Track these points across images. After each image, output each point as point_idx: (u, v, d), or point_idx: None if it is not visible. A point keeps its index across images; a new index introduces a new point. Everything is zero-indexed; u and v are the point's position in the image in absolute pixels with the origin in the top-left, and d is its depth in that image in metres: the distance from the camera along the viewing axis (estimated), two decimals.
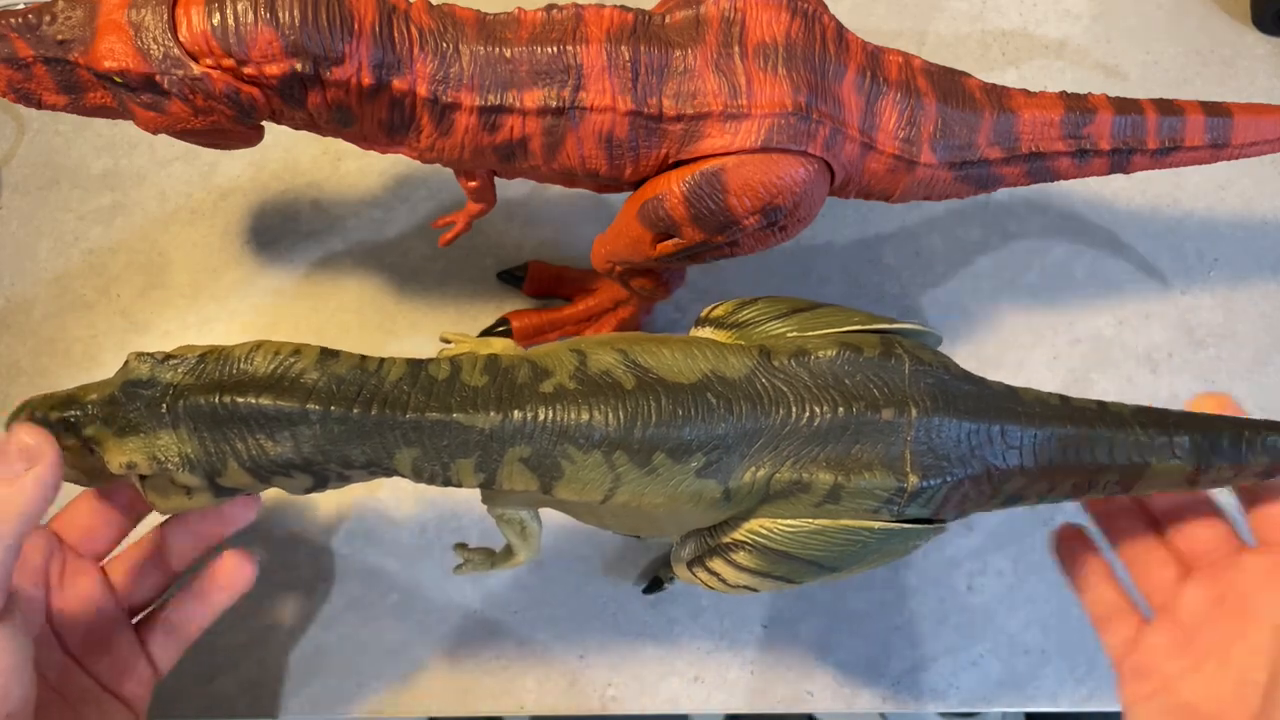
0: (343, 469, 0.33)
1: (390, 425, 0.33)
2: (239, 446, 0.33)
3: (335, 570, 0.49)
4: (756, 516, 0.34)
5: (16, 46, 0.38)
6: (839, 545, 0.34)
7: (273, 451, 0.33)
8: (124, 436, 0.33)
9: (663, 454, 0.33)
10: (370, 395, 0.33)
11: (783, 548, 0.34)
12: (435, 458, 0.33)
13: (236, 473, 0.33)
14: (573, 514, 0.37)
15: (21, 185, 0.54)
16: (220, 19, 0.37)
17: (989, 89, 0.42)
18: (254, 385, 0.33)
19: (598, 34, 0.38)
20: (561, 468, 0.33)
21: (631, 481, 0.33)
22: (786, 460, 0.33)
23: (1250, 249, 0.55)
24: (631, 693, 0.48)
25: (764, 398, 0.33)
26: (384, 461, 0.33)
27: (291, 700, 0.47)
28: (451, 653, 0.48)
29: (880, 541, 0.34)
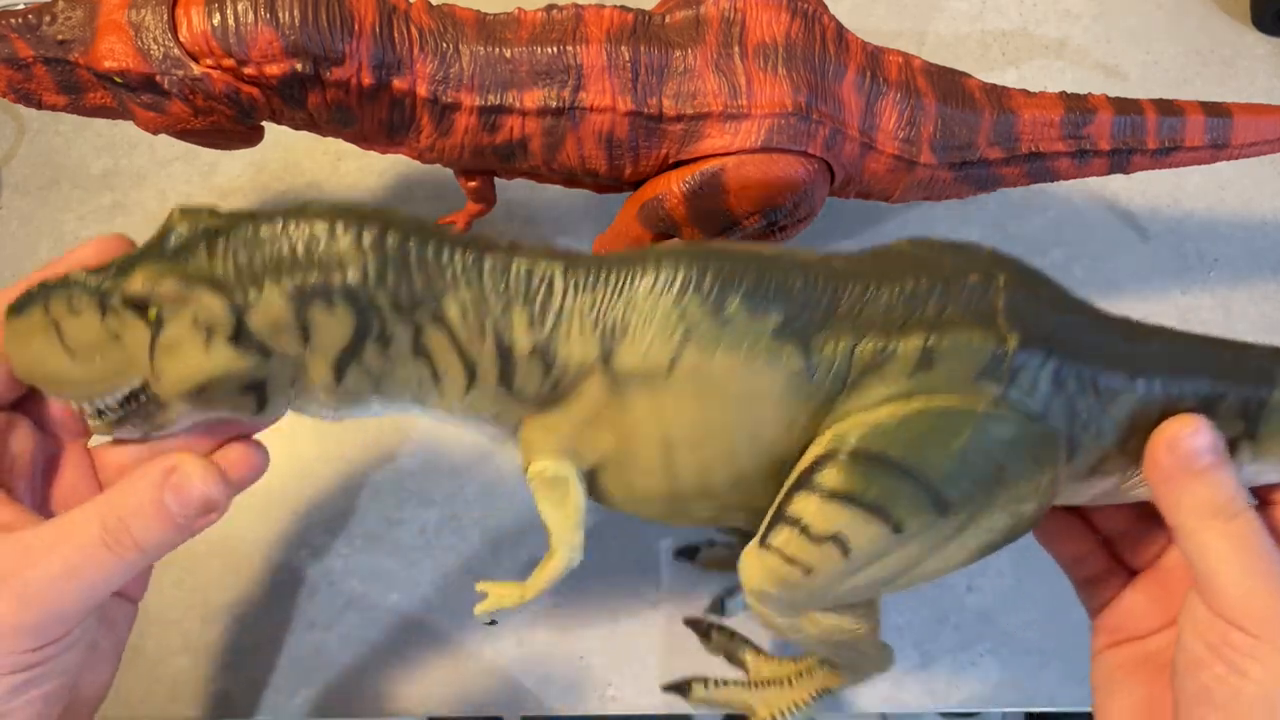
0: (390, 310, 0.30)
1: (446, 262, 0.30)
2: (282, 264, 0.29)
3: (335, 570, 0.49)
4: (844, 419, 0.30)
5: (17, 46, 0.38)
6: (940, 441, 0.29)
7: (320, 272, 0.29)
8: (149, 264, 0.29)
9: (737, 301, 0.29)
10: (429, 232, 0.30)
11: (877, 447, 0.29)
12: (491, 302, 0.30)
13: (271, 299, 0.29)
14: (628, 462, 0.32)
15: (21, 185, 0.54)
16: (220, 19, 0.37)
17: (989, 89, 0.42)
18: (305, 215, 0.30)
19: (598, 34, 0.38)
20: (627, 321, 0.30)
21: (703, 334, 0.29)
22: (869, 330, 0.30)
23: (1250, 249, 0.55)
24: (631, 693, 0.48)
25: (840, 274, 0.30)
26: (434, 301, 0.30)
27: (291, 700, 0.47)
28: (451, 653, 0.48)
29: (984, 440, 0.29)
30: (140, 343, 0.30)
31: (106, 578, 0.30)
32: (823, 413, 0.30)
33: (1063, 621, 0.49)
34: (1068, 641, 0.48)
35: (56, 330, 0.30)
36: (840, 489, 0.29)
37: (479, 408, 0.32)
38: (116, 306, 0.30)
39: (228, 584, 0.48)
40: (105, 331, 0.30)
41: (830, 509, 0.30)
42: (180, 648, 0.48)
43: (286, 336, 0.30)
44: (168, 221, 0.30)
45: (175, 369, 0.30)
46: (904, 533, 0.30)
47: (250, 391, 0.31)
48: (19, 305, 0.31)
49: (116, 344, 0.30)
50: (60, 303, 0.30)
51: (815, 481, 0.30)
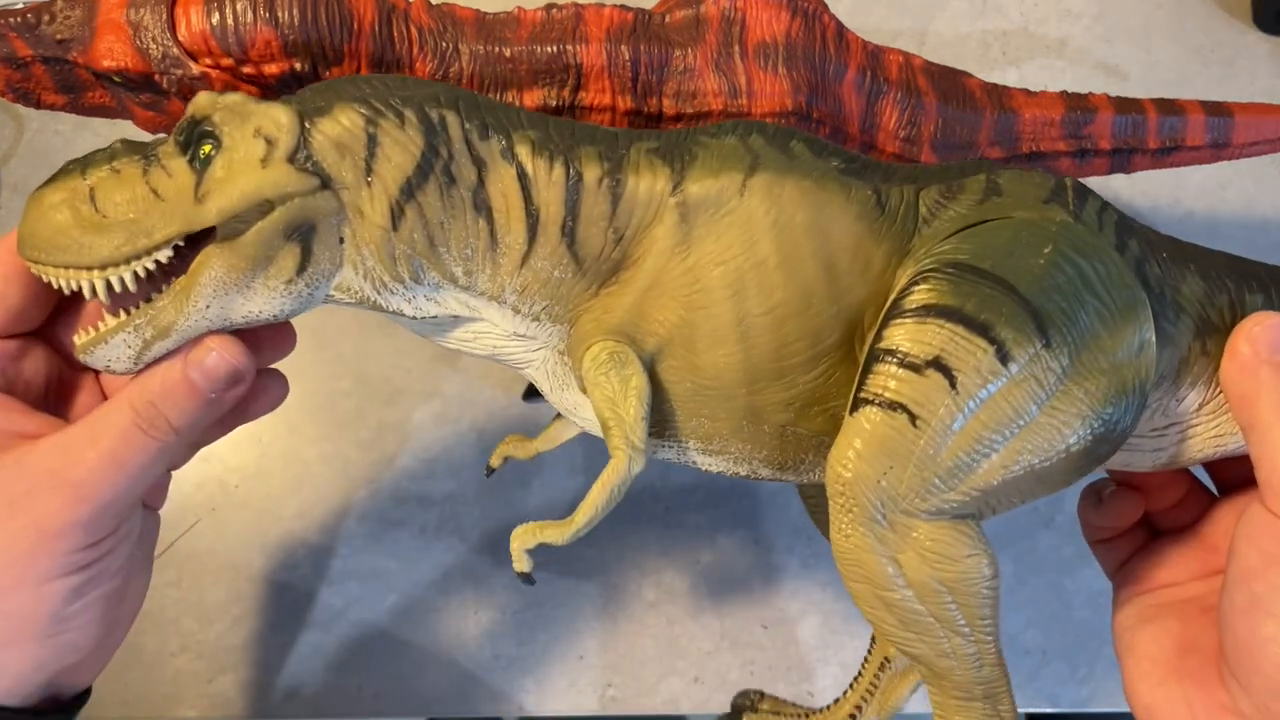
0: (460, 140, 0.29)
1: (514, 110, 0.31)
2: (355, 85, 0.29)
3: (335, 570, 0.49)
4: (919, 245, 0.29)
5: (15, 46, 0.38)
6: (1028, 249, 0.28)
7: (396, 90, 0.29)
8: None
9: (800, 143, 0.30)
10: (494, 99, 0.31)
11: (965, 257, 0.28)
12: (559, 140, 0.30)
13: (342, 111, 0.29)
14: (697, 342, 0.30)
15: (21, 185, 0.54)
16: (219, 18, 0.36)
17: (989, 88, 0.42)
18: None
19: (597, 33, 0.38)
20: (694, 152, 0.30)
21: (772, 161, 0.29)
22: (930, 179, 0.31)
23: (1251, 249, 0.55)
24: (631, 693, 0.48)
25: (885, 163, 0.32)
26: (505, 133, 0.30)
27: (291, 700, 0.47)
28: (451, 653, 0.48)
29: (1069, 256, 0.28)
30: (183, 187, 0.29)
31: (147, 462, 0.30)
32: (898, 254, 0.29)
33: (1063, 621, 0.49)
34: (1068, 641, 0.48)
35: (90, 196, 0.29)
36: (934, 302, 0.27)
37: (533, 289, 0.31)
38: (164, 156, 0.30)
39: (226, 584, 0.48)
40: (145, 188, 0.29)
41: (928, 328, 0.27)
42: (179, 648, 0.47)
43: (349, 160, 0.29)
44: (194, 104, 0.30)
45: (227, 186, 0.28)
46: (1009, 361, 0.27)
47: (295, 236, 0.29)
48: (50, 179, 0.30)
49: (155, 200, 0.29)
50: (100, 167, 0.30)
51: (905, 306, 0.28)
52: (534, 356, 0.32)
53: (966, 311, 0.27)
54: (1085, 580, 0.49)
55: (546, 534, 0.31)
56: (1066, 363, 0.28)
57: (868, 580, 0.29)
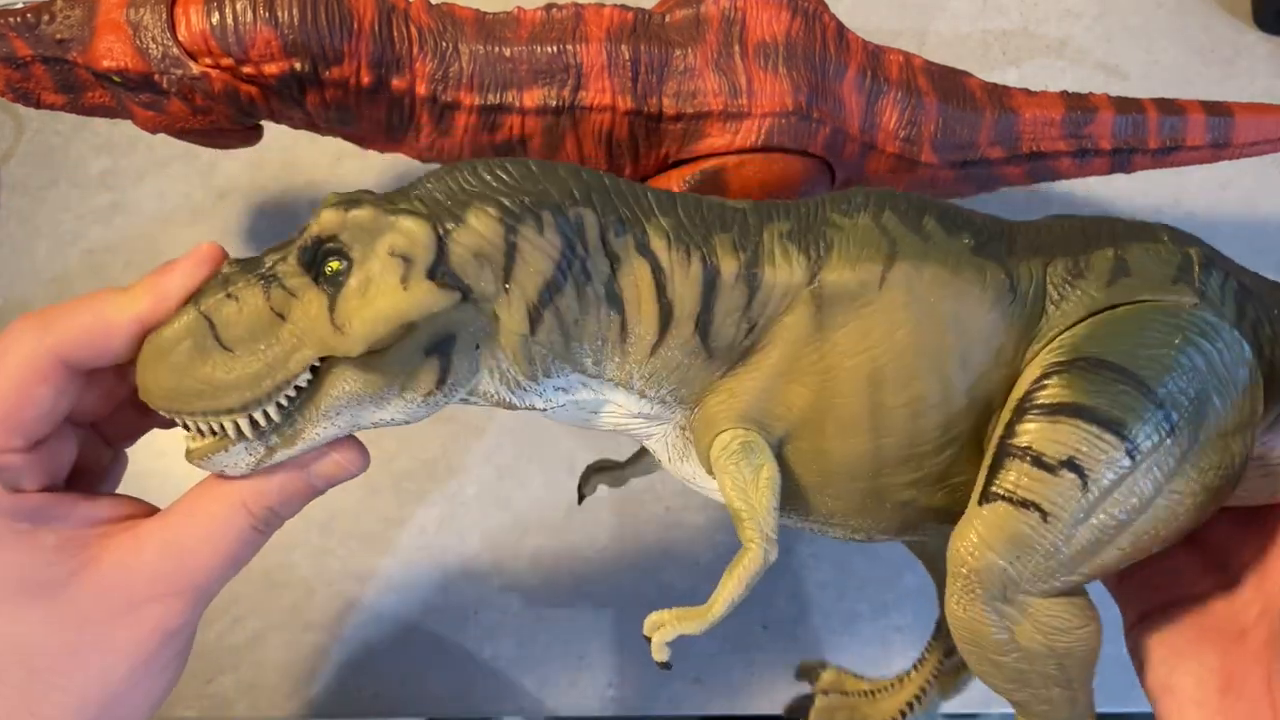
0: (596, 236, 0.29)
1: (643, 193, 0.30)
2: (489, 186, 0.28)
3: (335, 570, 0.49)
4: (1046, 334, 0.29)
5: (15, 45, 0.38)
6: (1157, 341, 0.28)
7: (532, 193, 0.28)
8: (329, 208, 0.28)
9: (932, 219, 0.30)
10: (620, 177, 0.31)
11: (1095, 352, 0.28)
12: (692, 229, 0.29)
13: (480, 219, 0.28)
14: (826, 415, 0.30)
15: (20, 185, 0.54)
16: (219, 18, 0.36)
17: (990, 88, 0.42)
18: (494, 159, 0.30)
19: (598, 33, 0.38)
20: (829, 238, 0.29)
21: (909, 247, 0.29)
22: (1055, 251, 0.30)
23: (1252, 248, 0.55)
24: (632, 693, 0.47)
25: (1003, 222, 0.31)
26: (639, 227, 0.29)
27: (291, 700, 0.47)
28: (451, 653, 0.48)
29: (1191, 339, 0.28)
30: (314, 310, 0.27)
31: (251, 555, 0.31)
32: (1027, 338, 0.29)
33: None
34: None
35: (210, 328, 0.28)
36: (1068, 401, 0.28)
37: (662, 376, 0.30)
38: (285, 275, 0.28)
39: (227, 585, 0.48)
40: (270, 312, 0.27)
41: (1061, 428, 0.28)
42: None
43: (489, 270, 0.28)
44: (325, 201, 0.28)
45: (367, 311, 0.27)
46: (1137, 455, 0.28)
47: (435, 353, 0.28)
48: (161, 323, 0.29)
49: (283, 323, 0.28)
50: (214, 295, 0.28)
51: (1038, 401, 0.28)
52: (655, 431, 0.32)
53: (1099, 411, 0.28)
54: None
55: (685, 626, 0.31)
56: (1186, 447, 0.28)
57: (979, 646, 0.30)
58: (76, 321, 0.29)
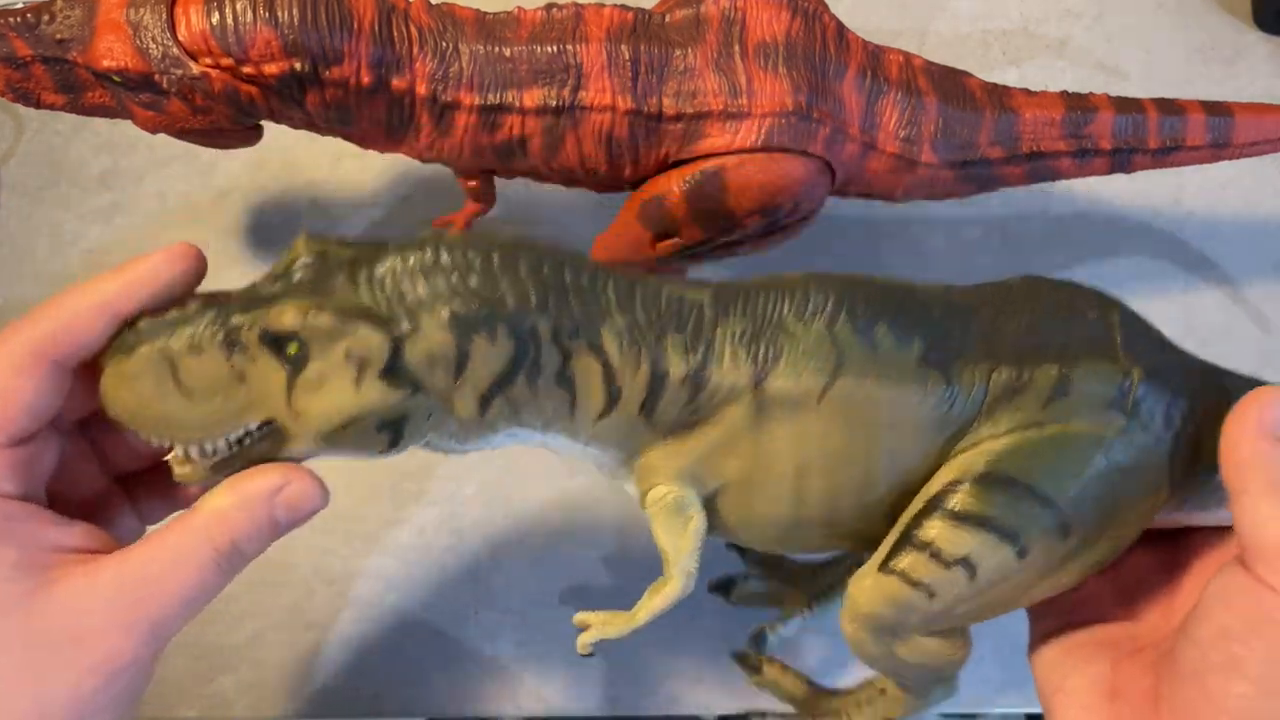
0: (549, 338, 0.30)
1: (601, 288, 0.30)
2: (441, 285, 0.29)
3: (335, 570, 0.49)
4: (976, 447, 0.31)
5: (15, 45, 0.38)
6: (1073, 472, 0.30)
7: (480, 297, 0.29)
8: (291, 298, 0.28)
9: (885, 327, 0.30)
10: (583, 262, 0.31)
11: (1010, 470, 0.30)
12: (646, 330, 0.30)
13: (433, 330, 0.28)
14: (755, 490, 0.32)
15: (20, 185, 0.54)
16: (219, 18, 0.36)
17: (990, 88, 0.42)
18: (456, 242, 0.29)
19: (598, 33, 0.38)
20: (779, 345, 0.30)
21: (855, 363, 0.30)
22: (1004, 357, 0.30)
23: (1252, 248, 0.55)
24: (631, 693, 0.47)
25: (964, 304, 0.32)
26: (592, 329, 0.30)
27: (291, 700, 0.47)
28: (451, 653, 0.48)
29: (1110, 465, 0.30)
30: (272, 382, 0.29)
31: (214, 594, 0.31)
32: (956, 439, 0.31)
33: None
34: None
35: (171, 370, 0.29)
36: (974, 512, 0.30)
37: (606, 435, 0.32)
38: (249, 343, 0.28)
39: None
40: (230, 371, 0.29)
41: (962, 533, 0.30)
42: (178, 648, 0.47)
43: (441, 370, 0.29)
44: (293, 251, 0.29)
45: (320, 406, 0.29)
46: (1028, 556, 0.30)
47: (387, 429, 0.30)
48: (125, 345, 0.29)
49: (241, 384, 0.29)
50: (180, 340, 0.29)
51: (947, 506, 0.30)
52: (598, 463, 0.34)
53: (1000, 522, 0.30)
54: None
55: (608, 631, 0.34)
56: (1079, 545, 0.31)
57: (863, 651, 0.33)
58: (49, 314, 0.30)
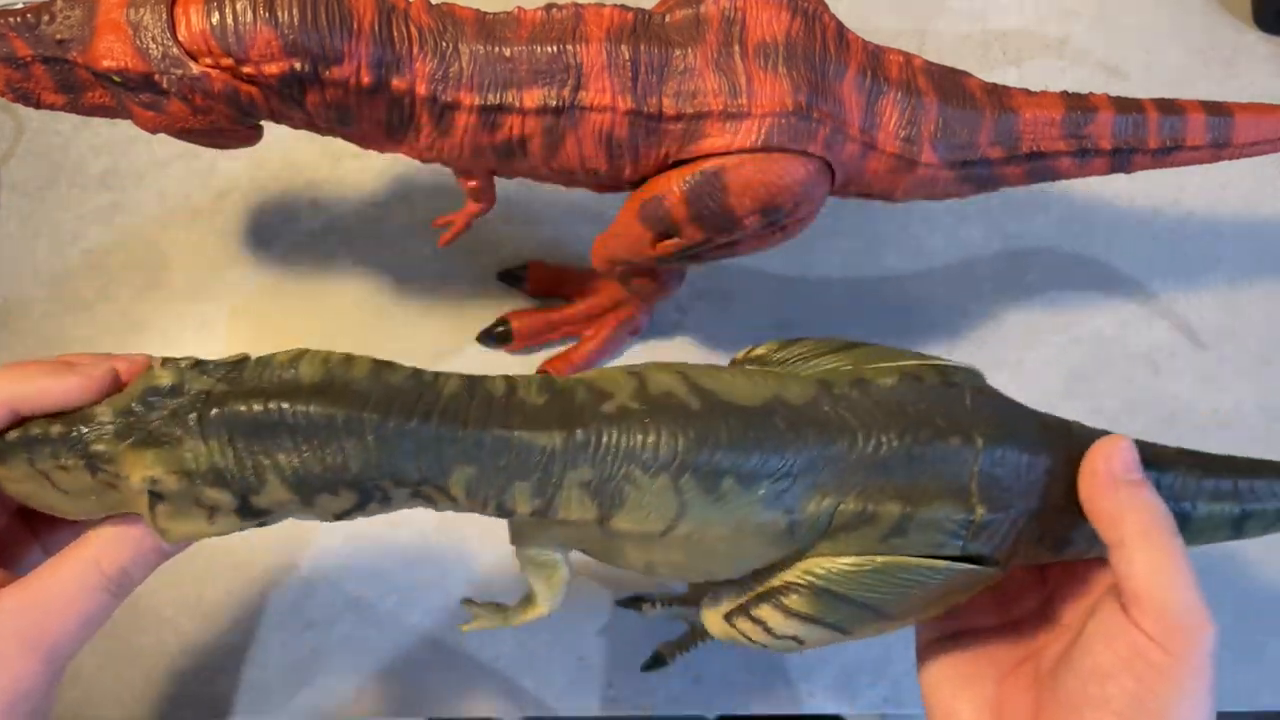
0: (393, 486, 0.31)
1: (449, 440, 0.30)
2: (282, 459, 0.30)
3: (335, 570, 0.49)
4: (814, 554, 0.32)
5: (15, 45, 0.38)
6: (900, 587, 0.32)
7: (322, 464, 0.30)
8: (143, 448, 0.30)
9: (732, 479, 0.31)
10: (428, 407, 0.30)
11: (840, 589, 0.32)
12: (492, 480, 0.31)
13: (276, 488, 0.30)
14: (613, 556, 0.34)
15: (20, 185, 0.54)
16: (219, 18, 0.36)
17: (990, 88, 0.42)
18: (302, 392, 0.30)
19: (598, 33, 0.38)
20: (624, 494, 0.31)
21: (697, 511, 0.31)
22: (852, 490, 0.31)
23: (1252, 248, 0.55)
24: (631, 693, 0.48)
25: (830, 424, 0.32)
26: (438, 479, 0.31)
27: (291, 700, 0.47)
28: (451, 653, 0.48)
29: (944, 583, 0.32)
30: (138, 500, 0.31)
31: (106, 618, 0.33)
32: (800, 554, 0.33)
33: None
34: None
35: (47, 478, 0.31)
36: (803, 612, 0.33)
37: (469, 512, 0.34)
38: (109, 473, 0.30)
39: (225, 584, 0.48)
40: (98, 484, 0.31)
41: (793, 622, 0.33)
42: (178, 648, 0.47)
43: (291, 510, 0.31)
44: (149, 377, 0.30)
45: (179, 530, 0.31)
46: (851, 634, 0.34)
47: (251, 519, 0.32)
48: (3, 452, 0.31)
49: (112, 489, 0.31)
50: (45, 459, 0.30)
51: (783, 602, 0.33)
52: None
53: (828, 620, 0.33)
54: None
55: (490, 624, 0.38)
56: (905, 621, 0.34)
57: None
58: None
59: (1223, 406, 0.52)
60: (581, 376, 0.33)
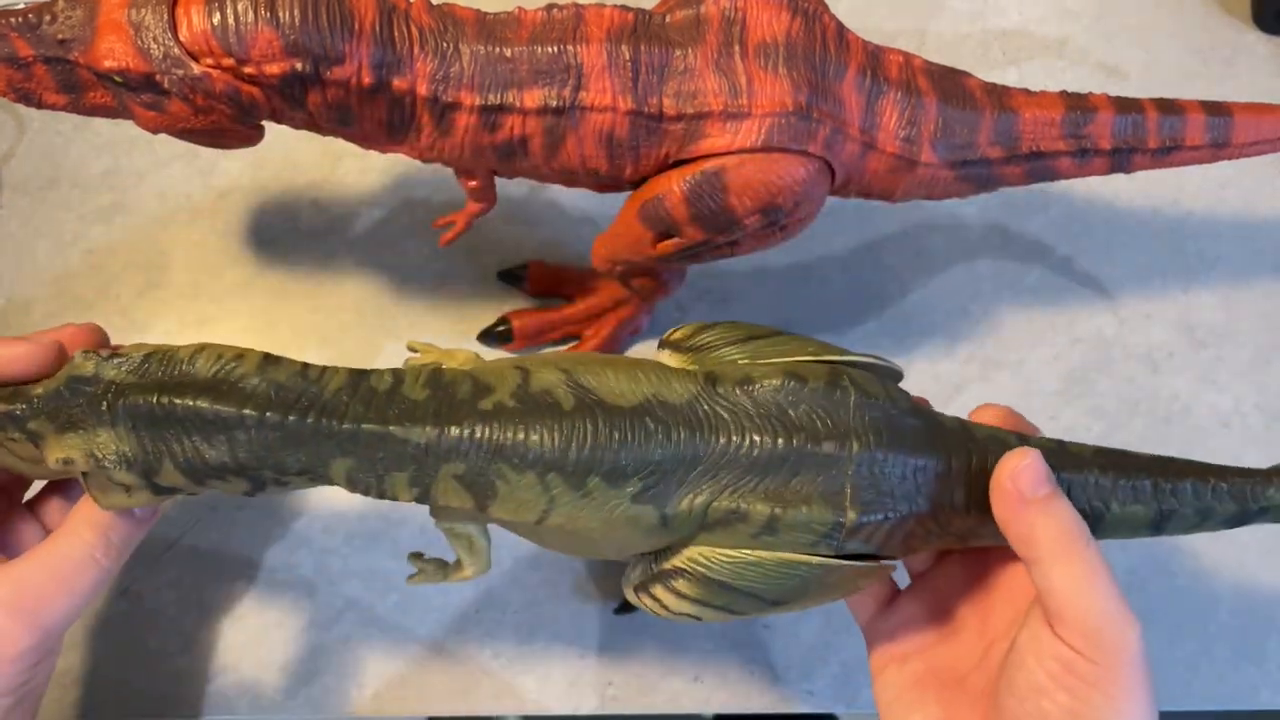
0: (279, 475, 0.33)
1: (326, 434, 0.32)
2: (175, 448, 0.32)
3: (335, 570, 0.49)
4: (697, 544, 0.34)
5: (17, 46, 0.38)
6: (777, 578, 0.34)
7: (208, 455, 0.32)
8: (64, 432, 0.33)
9: (598, 478, 0.32)
10: (309, 403, 0.33)
11: (721, 578, 0.34)
12: (370, 469, 0.33)
13: (172, 473, 0.33)
14: (515, 531, 0.36)
15: (21, 185, 0.54)
16: (220, 18, 0.36)
17: (989, 88, 0.42)
18: (193, 387, 0.32)
19: (598, 33, 0.38)
20: (496, 488, 0.33)
21: (566, 505, 0.33)
22: (725, 489, 0.33)
23: (1251, 248, 0.55)
24: (631, 692, 0.48)
25: (704, 425, 0.33)
26: (319, 470, 0.33)
27: (291, 700, 0.47)
28: (451, 653, 0.48)
29: (820, 577, 0.34)
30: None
31: (96, 586, 0.35)
32: (681, 541, 0.34)
33: None
34: None
35: (4, 447, 0.35)
36: (692, 595, 0.34)
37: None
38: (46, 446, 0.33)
39: (227, 584, 0.48)
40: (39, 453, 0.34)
41: (685, 603, 0.35)
42: (179, 647, 0.48)
43: (194, 488, 0.34)
44: (72, 365, 0.34)
45: (108, 500, 0.34)
46: (740, 614, 0.35)
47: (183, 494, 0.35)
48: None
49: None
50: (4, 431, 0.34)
51: (673, 585, 0.35)
52: None
53: (715, 603, 0.34)
54: None
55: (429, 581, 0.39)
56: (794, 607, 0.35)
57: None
58: None
59: (1222, 406, 0.52)
60: (472, 369, 0.34)
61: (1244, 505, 0.35)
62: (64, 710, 0.47)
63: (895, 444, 0.33)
